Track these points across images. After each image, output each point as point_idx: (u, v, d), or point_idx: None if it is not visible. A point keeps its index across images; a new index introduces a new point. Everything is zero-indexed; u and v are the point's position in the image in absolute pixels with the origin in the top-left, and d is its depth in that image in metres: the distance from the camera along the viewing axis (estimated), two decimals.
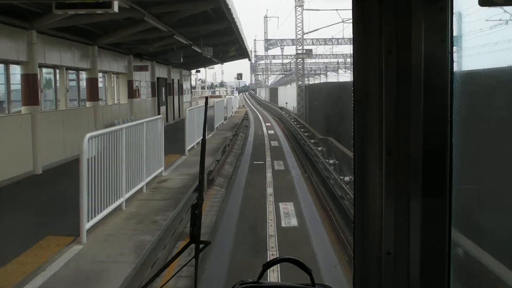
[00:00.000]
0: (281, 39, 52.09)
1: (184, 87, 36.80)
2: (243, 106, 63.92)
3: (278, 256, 5.62)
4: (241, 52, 31.49)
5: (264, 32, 66.33)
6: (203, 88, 79.31)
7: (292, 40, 47.53)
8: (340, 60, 60.83)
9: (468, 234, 1.52)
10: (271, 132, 33.61)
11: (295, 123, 35.11)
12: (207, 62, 37.03)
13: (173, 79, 31.63)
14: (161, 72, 27.98)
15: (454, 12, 1.27)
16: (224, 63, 39.80)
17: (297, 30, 42.01)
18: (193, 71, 44.36)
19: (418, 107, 1.31)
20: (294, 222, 11.28)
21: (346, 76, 60.26)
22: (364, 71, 1.34)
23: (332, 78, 65.42)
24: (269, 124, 40.91)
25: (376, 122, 1.34)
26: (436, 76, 1.29)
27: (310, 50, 45.29)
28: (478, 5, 1.23)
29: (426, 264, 1.34)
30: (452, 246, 1.33)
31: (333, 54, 58.62)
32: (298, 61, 43.45)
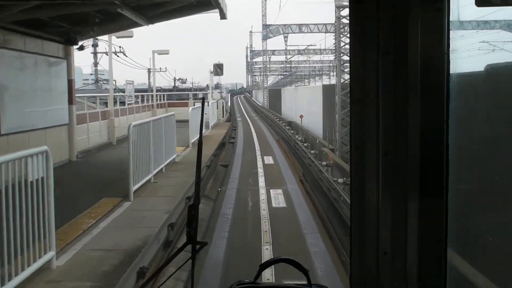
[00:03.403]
0: (285, 25, 39.45)
1: (43, 84, 12.94)
2: (228, 120, 40.47)
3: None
4: None
5: (262, 15, 51.78)
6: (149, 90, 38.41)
7: (299, 25, 37.55)
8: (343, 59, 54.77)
9: (465, 234, 1.52)
10: (282, 210, 12.52)
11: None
12: (103, 22, 12.97)
13: None
14: None
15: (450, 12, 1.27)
16: (157, 24, 13.34)
17: None
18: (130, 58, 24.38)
19: (415, 108, 1.31)
20: None
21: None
22: (361, 72, 1.34)
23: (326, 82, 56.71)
24: (271, 161, 20.17)
25: (373, 123, 1.34)
26: (433, 76, 1.30)
27: None
28: (474, 5, 1.22)
29: (423, 264, 1.34)
30: (448, 246, 1.33)
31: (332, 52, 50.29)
32: (340, 24, 19.96)
